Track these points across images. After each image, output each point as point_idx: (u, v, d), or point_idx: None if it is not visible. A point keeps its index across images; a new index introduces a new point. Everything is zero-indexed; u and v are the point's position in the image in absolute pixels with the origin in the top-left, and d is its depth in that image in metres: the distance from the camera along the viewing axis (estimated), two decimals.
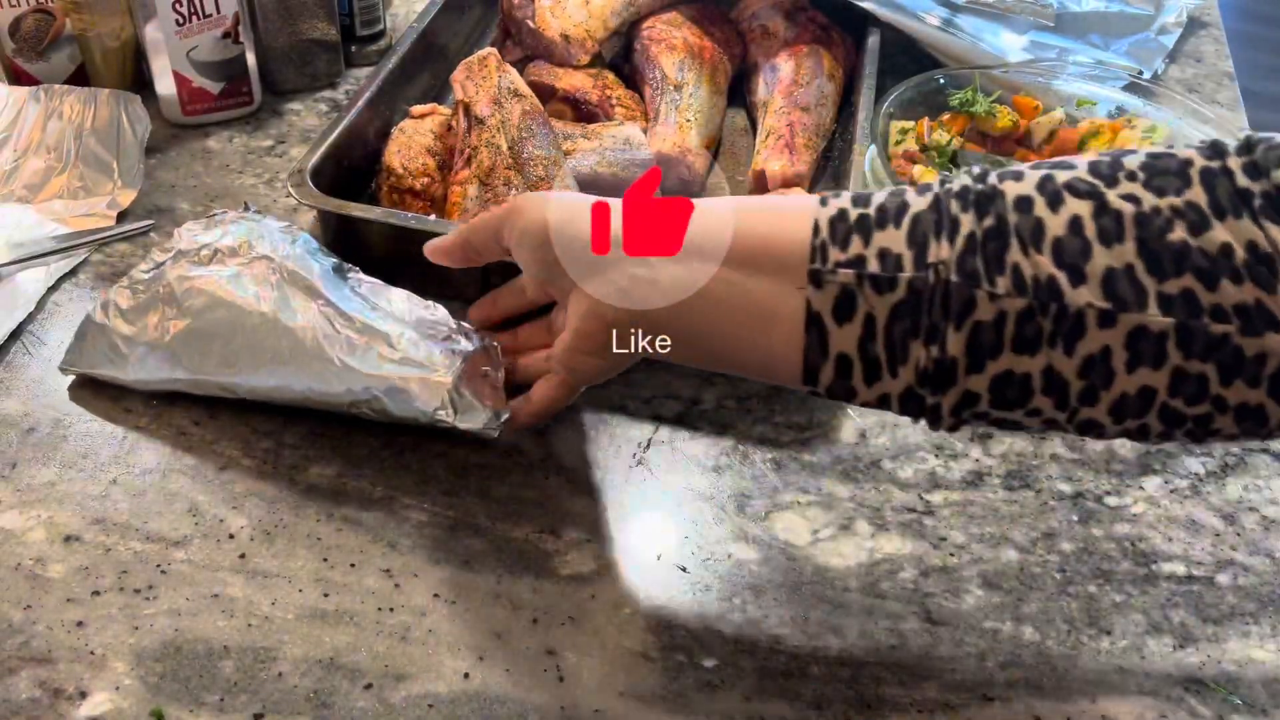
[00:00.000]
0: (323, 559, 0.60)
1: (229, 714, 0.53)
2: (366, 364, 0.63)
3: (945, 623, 0.60)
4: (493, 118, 0.78)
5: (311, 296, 0.65)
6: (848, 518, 0.65)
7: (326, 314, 0.64)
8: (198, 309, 0.65)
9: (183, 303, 0.65)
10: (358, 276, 0.69)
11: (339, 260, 0.69)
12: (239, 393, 0.65)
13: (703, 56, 0.95)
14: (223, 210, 0.73)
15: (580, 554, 0.61)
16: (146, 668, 0.54)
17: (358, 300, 0.66)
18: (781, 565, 0.62)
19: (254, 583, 0.59)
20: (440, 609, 0.58)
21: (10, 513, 0.61)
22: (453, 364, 0.63)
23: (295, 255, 0.67)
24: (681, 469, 0.67)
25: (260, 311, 0.64)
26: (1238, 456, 0.71)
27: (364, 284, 0.69)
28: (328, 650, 0.56)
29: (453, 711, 0.53)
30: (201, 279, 0.66)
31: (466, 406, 0.63)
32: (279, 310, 0.64)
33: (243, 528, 0.61)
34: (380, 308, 0.67)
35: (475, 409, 0.63)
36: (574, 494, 0.65)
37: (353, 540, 0.61)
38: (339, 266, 0.69)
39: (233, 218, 0.71)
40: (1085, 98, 0.91)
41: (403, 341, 0.64)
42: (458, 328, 0.66)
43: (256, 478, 0.64)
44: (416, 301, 0.68)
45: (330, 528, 0.62)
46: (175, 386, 0.66)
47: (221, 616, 0.57)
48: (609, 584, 0.60)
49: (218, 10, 0.87)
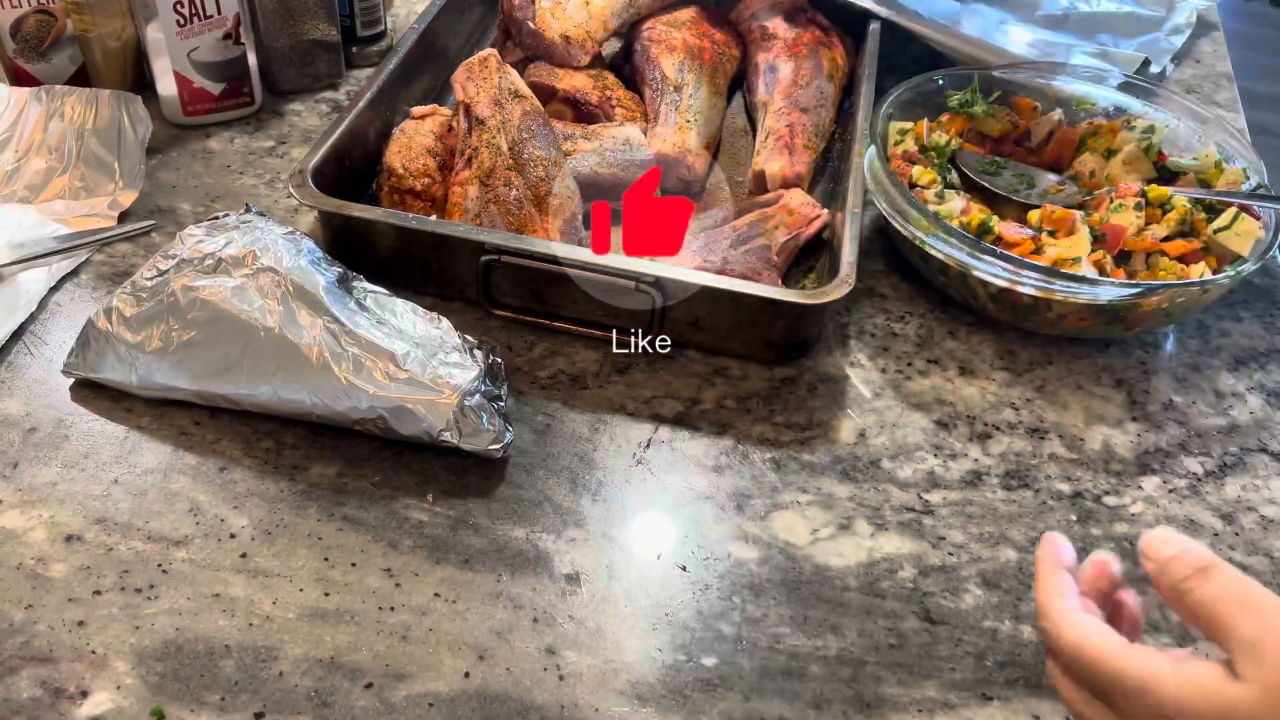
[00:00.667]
0: (323, 558, 0.60)
1: (230, 713, 0.53)
2: (372, 383, 0.63)
3: (944, 622, 0.60)
4: (493, 118, 0.78)
5: (318, 312, 0.65)
6: (847, 517, 0.65)
7: (332, 330, 0.65)
8: (202, 321, 0.65)
9: (187, 314, 0.65)
10: (363, 286, 0.69)
11: (344, 270, 0.70)
12: (243, 405, 0.66)
13: (703, 57, 0.95)
14: (225, 212, 0.73)
15: (580, 553, 0.61)
16: (147, 667, 0.54)
17: (363, 315, 0.67)
18: (781, 564, 0.62)
19: (255, 582, 0.59)
20: (441, 608, 0.58)
21: (12, 512, 0.61)
22: (458, 386, 0.63)
23: (300, 268, 0.67)
24: (681, 469, 0.67)
25: (266, 326, 0.65)
26: (1236, 456, 0.71)
27: (369, 295, 0.69)
28: (329, 649, 0.56)
29: (453, 710, 0.54)
30: (206, 290, 0.66)
31: (471, 428, 0.63)
32: (284, 326, 0.65)
33: (244, 527, 0.61)
34: (387, 323, 0.67)
35: (480, 431, 0.63)
36: (574, 494, 0.65)
37: (353, 540, 0.61)
38: (344, 277, 0.69)
39: (235, 221, 0.71)
40: (1084, 98, 0.91)
41: (409, 361, 0.64)
42: (462, 343, 0.67)
43: (257, 477, 0.64)
44: (422, 314, 0.68)
45: (331, 527, 0.62)
46: (178, 395, 0.66)
47: (222, 616, 0.57)
48: (609, 583, 0.60)
49: (219, 11, 0.87)
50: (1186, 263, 0.77)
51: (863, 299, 0.80)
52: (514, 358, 0.73)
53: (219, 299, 0.65)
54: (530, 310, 0.75)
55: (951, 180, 0.84)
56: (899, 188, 0.77)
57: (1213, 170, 0.83)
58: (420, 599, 0.58)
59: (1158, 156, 0.85)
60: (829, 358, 0.75)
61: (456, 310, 0.76)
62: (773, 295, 0.69)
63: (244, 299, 0.65)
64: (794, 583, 0.61)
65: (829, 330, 0.77)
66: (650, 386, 0.72)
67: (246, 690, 0.54)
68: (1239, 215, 0.77)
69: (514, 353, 0.74)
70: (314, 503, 0.63)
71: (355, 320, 0.66)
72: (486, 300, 0.74)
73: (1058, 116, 0.88)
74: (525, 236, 0.73)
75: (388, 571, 0.60)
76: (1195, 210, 0.79)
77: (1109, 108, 0.91)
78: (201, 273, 0.67)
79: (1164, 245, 0.77)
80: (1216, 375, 0.77)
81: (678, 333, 0.73)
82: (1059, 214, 0.77)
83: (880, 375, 0.74)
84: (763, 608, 0.60)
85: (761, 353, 0.74)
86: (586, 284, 0.71)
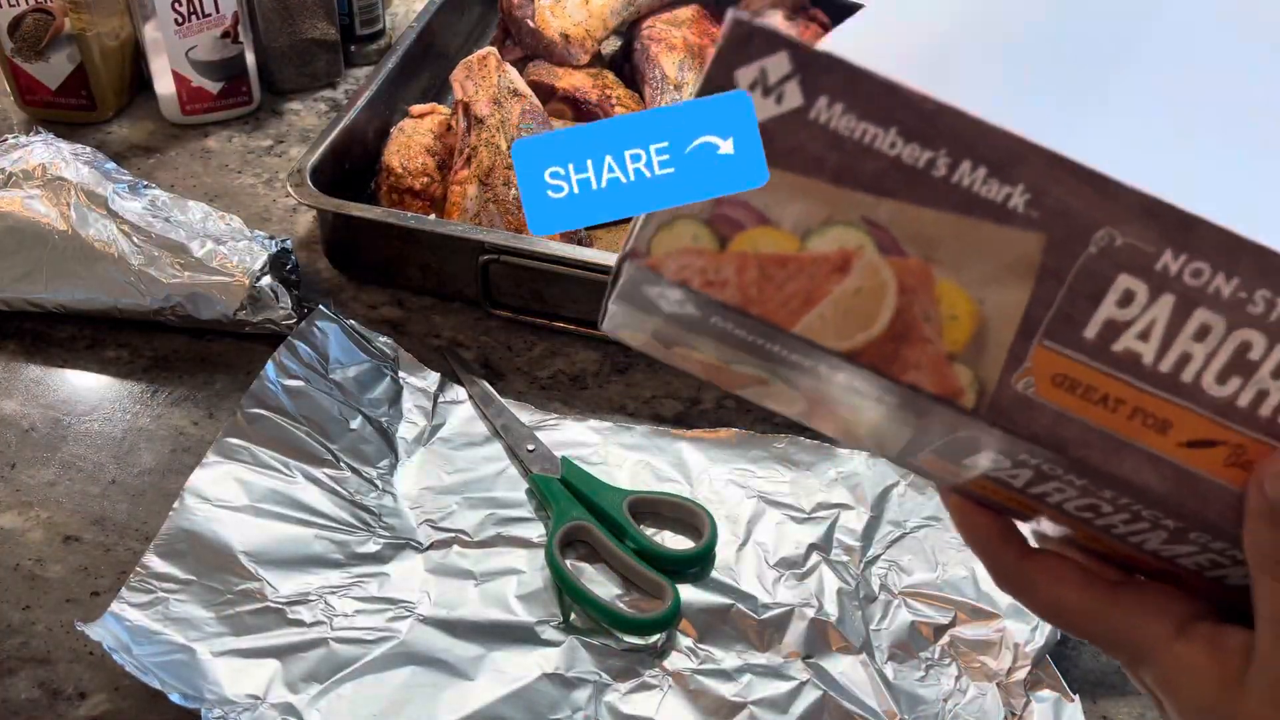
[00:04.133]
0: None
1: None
2: (167, 273, 0.68)
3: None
4: (492, 117, 0.78)
5: (110, 215, 0.70)
6: None
7: (125, 230, 0.69)
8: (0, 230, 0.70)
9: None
10: (155, 192, 0.74)
11: (134, 179, 0.75)
12: (48, 306, 0.70)
13: (703, 56, 0.95)
14: (15, 135, 0.78)
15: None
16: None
17: (158, 219, 0.71)
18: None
19: None
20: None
21: (9, 513, 0.61)
22: (249, 267, 0.69)
23: (90, 176, 0.72)
24: None
25: (60, 230, 0.69)
26: None
27: (161, 198, 0.74)
28: None
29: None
30: (1, 200, 0.70)
31: (265, 305, 0.69)
32: (79, 228, 0.69)
33: None
34: (175, 219, 0.72)
35: (272, 305, 0.69)
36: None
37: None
38: (134, 185, 0.74)
39: (24, 141, 0.76)
40: None
41: (201, 251, 0.69)
42: (252, 235, 0.72)
43: None
44: (214, 214, 0.74)
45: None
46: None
47: None
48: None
49: (217, 10, 0.87)
50: None
51: None
52: (514, 358, 0.73)
53: (15, 208, 0.70)
54: (530, 310, 0.74)
55: None
56: None
57: None
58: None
59: None
60: None
61: (456, 310, 0.76)
62: None
63: (39, 206, 0.70)
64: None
65: None
66: (650, 386, 0.72)
67: None
68: None
69: (514, 353, 0.73)
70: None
71: (148, 220, 0.71)
72: (486, 300, 0.74)
73: None
74: (525, 236, 0.73)
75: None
76: None
77: None
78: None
79: None
80: None
81: None
82: None
83: None
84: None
85: None
86: (586, 284, 0.71)
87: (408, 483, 0.62)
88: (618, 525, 0.60)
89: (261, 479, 0.60)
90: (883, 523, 0.62)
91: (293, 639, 0.54)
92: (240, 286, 0.68)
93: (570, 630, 0.55)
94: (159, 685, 0.50)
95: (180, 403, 0.68)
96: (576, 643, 0.55)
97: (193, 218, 0.73)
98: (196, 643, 0.53)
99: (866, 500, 0.63)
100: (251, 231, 0.73)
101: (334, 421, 0.64)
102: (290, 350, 0.66)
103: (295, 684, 0.52)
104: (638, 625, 0.55)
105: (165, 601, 0.54)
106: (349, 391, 0.66)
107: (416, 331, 0.74)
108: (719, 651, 0.55)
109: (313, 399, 0.64)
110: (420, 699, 0.52)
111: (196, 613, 0.54)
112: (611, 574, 0.59)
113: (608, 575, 0.59)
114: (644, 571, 0.58)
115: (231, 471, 0.60)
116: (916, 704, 0.54)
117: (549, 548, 0.58)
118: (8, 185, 0.72)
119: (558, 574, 0.57)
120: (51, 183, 0.72)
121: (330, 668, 0.53)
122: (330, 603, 0.55)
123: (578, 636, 0.55)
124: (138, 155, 0.89)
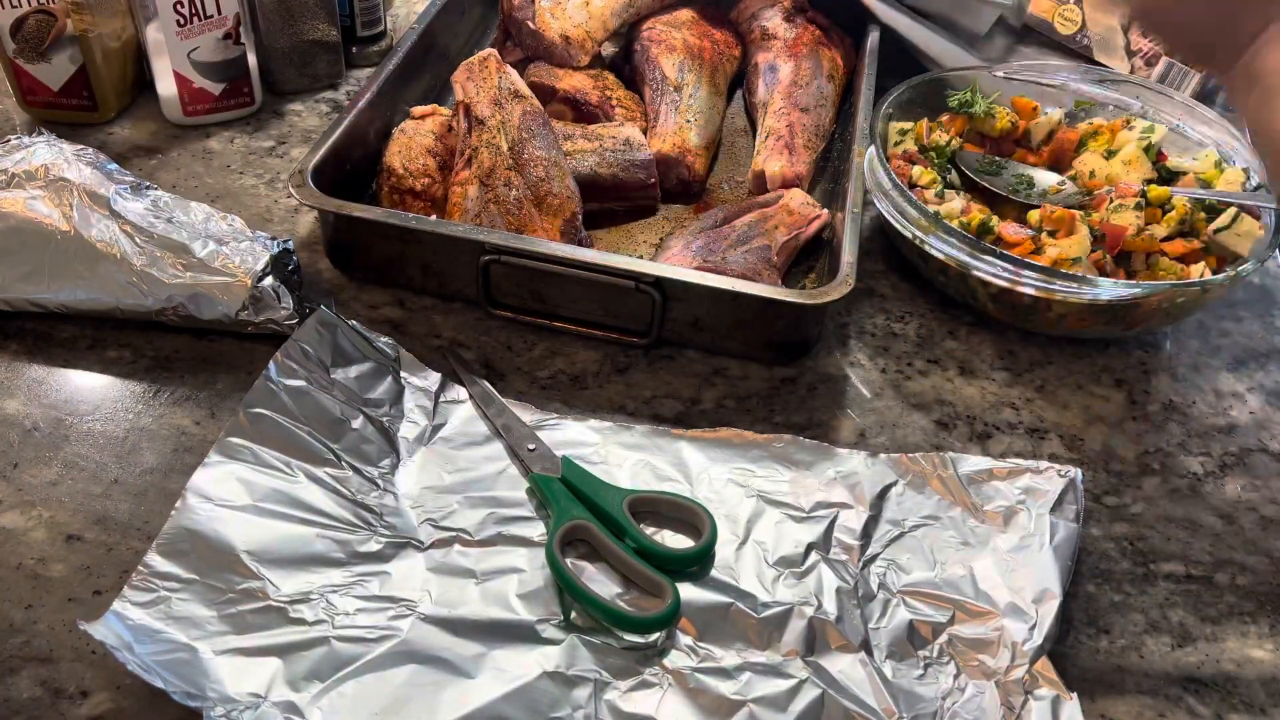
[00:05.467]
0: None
1: None
2: (168, 274, 0.68)
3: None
4: (493, 118, 0.78)
5: (112, 216, 0.70)
6: None
7: (127, 231, 0.69)
8: (1, 231, 0.70)
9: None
10: (157, 193, 0.74)
11: (136, 179, 0.75)
12: (50, 307, 0.70)
13: (703, 57, 0.95)
14: (18, 135, 0.78)
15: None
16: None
17: (160, 220, 0.72)
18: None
19: None
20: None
21: (12, 512, 0.61)
22: (251, 267, 0.69)
23: (93, 177, 0.72)
24: None
25: (62, 230, 0.69)
26: (1236, 456, 0.71)
27: (163, 199, 0.74)
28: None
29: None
30: (4, 201, 0.70)
31: (266, 305, 0.69)
32: (81, 229, 0.69)
33: None
34: (177, 220, 0.72)
35: (274, 305, 0.69)
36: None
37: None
38: (136, 185, 0.74)
39: (27, 142, 0.76)
40: (1084, 98, 0.91)
41: (203, 251, 0.69)
42: (254, 235, 0.72)
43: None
44: (216, 214, 0.74)
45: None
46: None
47: None
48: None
49: (219, 11, 0.87)
50: (1186, 263, 0.77)
51: (862, 299, 0.80)
52: (514, 358, 0.73)
53: (17, 208, 0.70)
54: (530, 310, 0.75)
55: (951, 180, 0.84)
56: (899, 188, 0.77)
57: (1213, 170, 0.83)
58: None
59: (1158, 156, 0.85)
60: (829, 358, 0.75)
61: (456, 310, 0.76)
62: (773, 295, 0.69)
63: (42, 207, 0.70)
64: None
65: (829, 330, 0.77)
66: (650, 386, 0.72)
67: None
68: (1239, 215, 0.77)
69: (514, 353, 0.74)
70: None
71: (150, 221, 0.71)
72: (486, 300, 0.74)
73: (1058, 116, 0.88)
74: (525, 236, 0.74)
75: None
76: (1195, 210, 0.79)
77: (1109, 107, 0.91)
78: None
79: (1164, 245, 0.77)
80: (1216, 375, 0.77)
81: (678, 333, 0.73)
82: (1059, 214, 0.77)
83: (880, 375, 0.74)
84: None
85: (761, 353, 0.74)
86: (586, 284, 0.71)
87: (409, 482, 0.63)
88: (618, 524, 0.60)
89: (263, 478, 0.60)
90: (881, 522, 0.62)
91: (294, 637, 0.54)
92: (242, 287, 0.69)
93: (570, 629, 0.56)
94: (161, 684, 0.50)
95: (182, 402, 0.68)
96: (577, 641, 0.55)
97: (194, 218, 0.73)
98: (198, 641, 0.53)
99: (865, 499, 0.63)
100: (253, 232, 0.73)
101: (335, 421, 0.64)
102: (292, 350, 0.66)
103: (297, 682, 0.52)
104: (638, 624, 0.56)
105: (167, 600, 0.54)
106: (350, 391, 0.66)
107: (417, 331, 0.75)
108: (719, 650, 0.55)
109: (314, 399, 0.64)
110: (421, 697, 0.52)
111: (198, 611, 0.54)
112: (611, 573, 0.59)
113: (608, 574, 0.59)
114: (644, 570, 0.58)
115: (233, 471, 0.60)
116: (915, 702, 0.54)
117: (549, 547, 0.58)
118: (10, 186, 0.72)
119: (558, 573, 0.57)
120: (54, 183, 0.72)
121: (332, 666, 0.53)
122: (332, 601, 0.55)
123: (578, 635, 0.55)
124: (140, 156, 0.89)
